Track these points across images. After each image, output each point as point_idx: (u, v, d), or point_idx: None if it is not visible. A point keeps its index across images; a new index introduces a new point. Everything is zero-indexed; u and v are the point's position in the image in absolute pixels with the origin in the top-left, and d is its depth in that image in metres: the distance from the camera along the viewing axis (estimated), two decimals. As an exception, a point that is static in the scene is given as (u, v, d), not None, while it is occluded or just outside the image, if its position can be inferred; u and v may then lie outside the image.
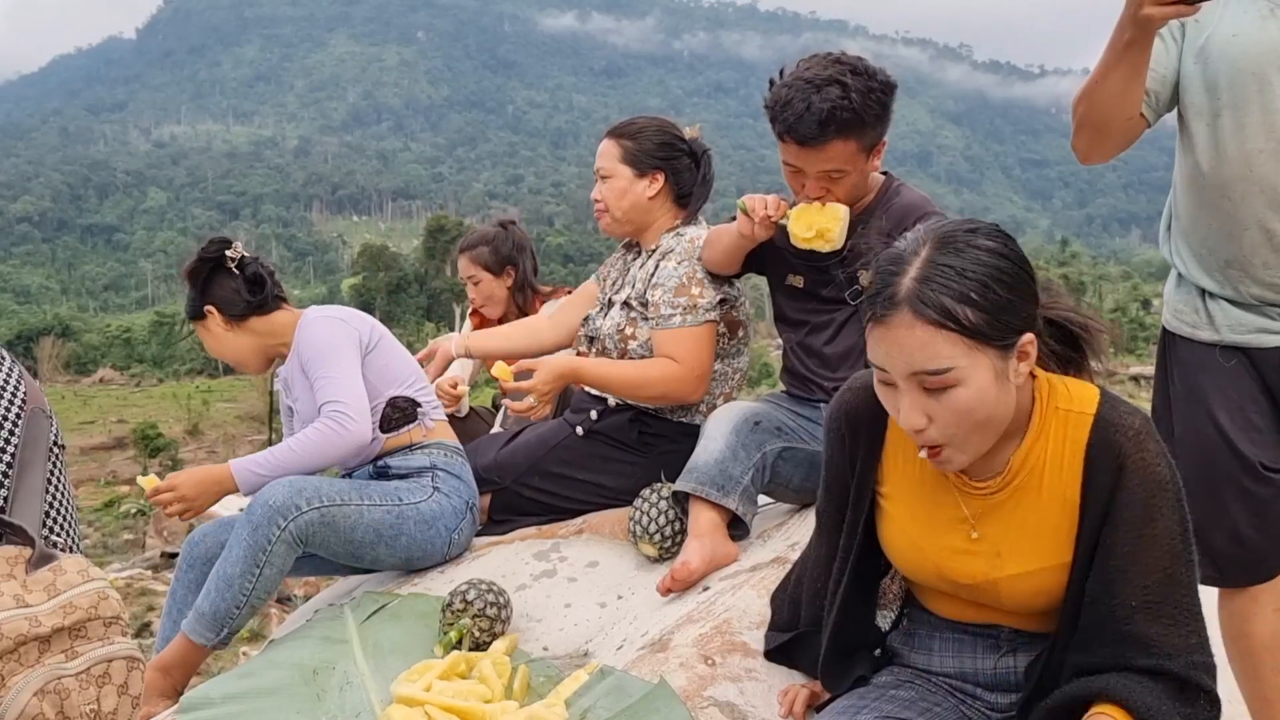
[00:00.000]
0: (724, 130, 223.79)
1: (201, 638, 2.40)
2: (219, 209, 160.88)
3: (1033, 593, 1.55)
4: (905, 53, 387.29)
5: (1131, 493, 1.46)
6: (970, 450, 1.47)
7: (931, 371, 1.39)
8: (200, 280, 2.75)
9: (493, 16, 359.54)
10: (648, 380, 2.67)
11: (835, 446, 1.71)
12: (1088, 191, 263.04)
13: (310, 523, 2.42)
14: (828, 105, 2.27)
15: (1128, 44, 1.66)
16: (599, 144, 2.91)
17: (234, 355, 2.79)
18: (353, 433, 2.54)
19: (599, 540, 2.73)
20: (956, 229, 1.45)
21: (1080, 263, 60.18)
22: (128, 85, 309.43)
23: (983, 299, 1.39)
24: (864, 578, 1.74)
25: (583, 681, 1.99)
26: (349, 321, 2.71)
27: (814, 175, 2.39)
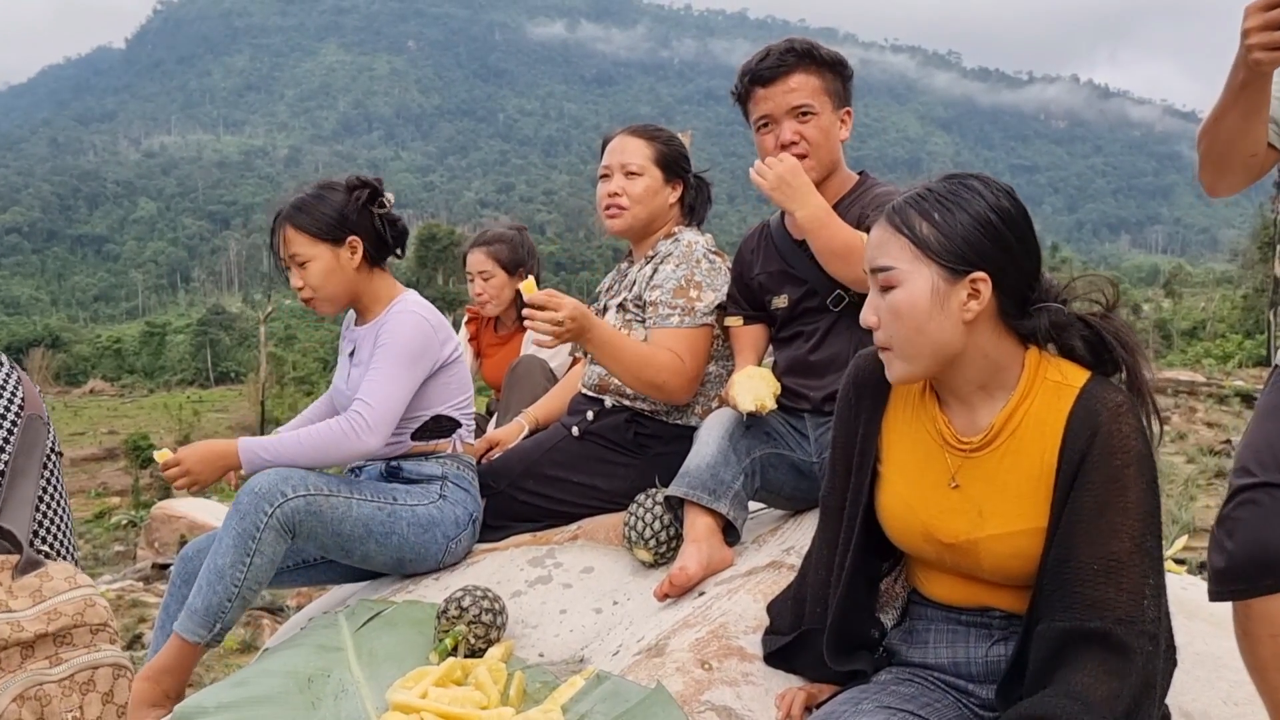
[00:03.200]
0: (714, 137, 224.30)
1: (194, 634, 2.37)
2: (209, 219, 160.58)
3: (1010, 554, 1.60)
4: (894, 60, 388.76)
5: (1102, 459, 1.51)
6: (906, 360, 1.58)
7: (877, 268, 1.57)
8: (353, 209, 2.65)
9: (483, 25, 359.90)
10: (653, 363, 2.65)
11: (844, 413, 1.80)
12: (1077, 197, 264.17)
13: (296, 509, 2.39)
14: (785, 45, 2.53)
15: (1242, 85, 1.64)
16: (613, 141, 2.90)
17: (337, 290, 2.67)
18: (365, 444, 2.50)
19: (594, 546, 2.73)
20: (965, 173, 1.59)
21: (1070, 268, 60.38)
22: (117, 95, 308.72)
23: (943, 220, 1.53)
24: (866, 564, 1.79)
25: (579, 687, 1.99)
26: (437, 333, 2.65)
27: (784, 117, 2.50)
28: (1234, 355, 34.22)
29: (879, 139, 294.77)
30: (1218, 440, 20.61)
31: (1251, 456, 1.74)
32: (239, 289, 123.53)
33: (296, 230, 2.62)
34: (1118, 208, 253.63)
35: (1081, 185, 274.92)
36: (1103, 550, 1.50)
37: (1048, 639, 1.53)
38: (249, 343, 50.13)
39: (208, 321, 59.30)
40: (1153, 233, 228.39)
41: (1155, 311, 53.94)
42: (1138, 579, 1.50)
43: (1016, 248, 1.56)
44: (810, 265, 2.56)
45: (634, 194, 2.82)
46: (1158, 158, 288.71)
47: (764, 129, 2.55)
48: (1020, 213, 1.57)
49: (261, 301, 59.06)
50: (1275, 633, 1.69)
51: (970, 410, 1.65)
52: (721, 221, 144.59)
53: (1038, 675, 1.54)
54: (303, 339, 49.39)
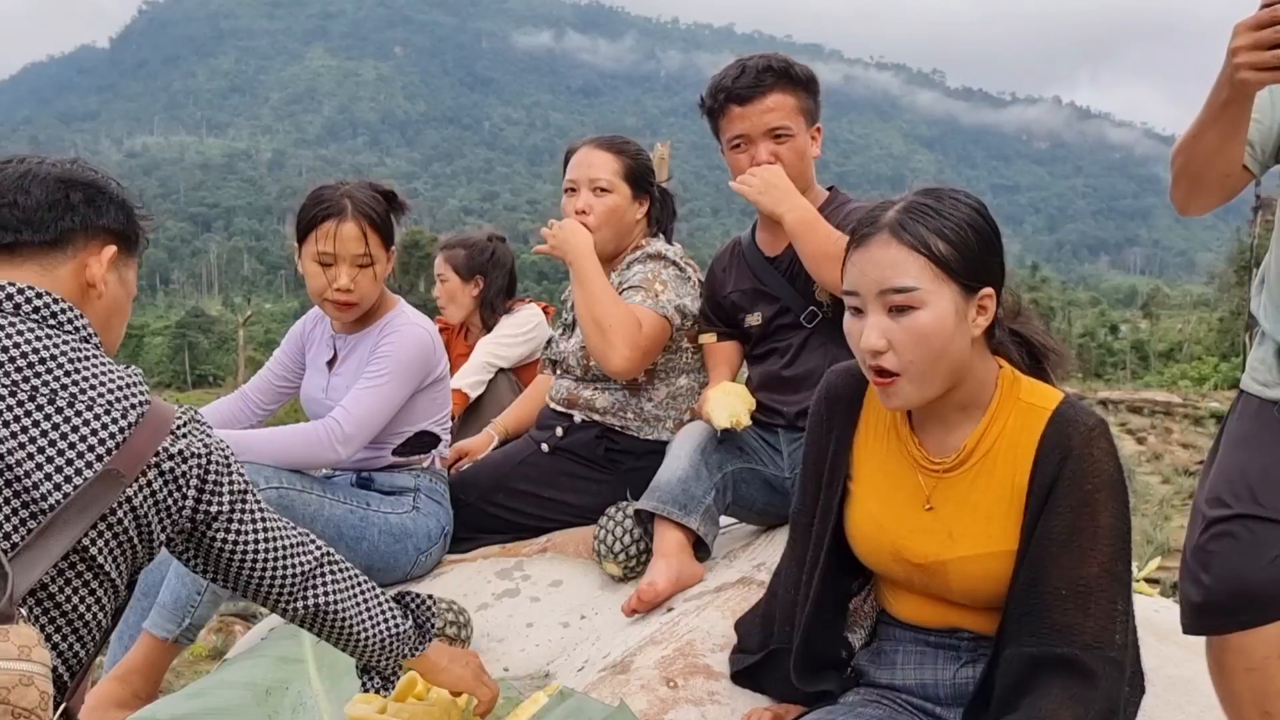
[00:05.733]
0: (699, 150, 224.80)
1: (163, 630, 2.31)
2: (191, 220, 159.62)
3: (980, 576, 1.59)
4: (878, 77, 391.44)
5: (1073, 483, 1.51)
6: (921, 384, 1.53)
7: (898, 289, 1.50)
8: (390, 220, 2.60)
9: (470, 34, 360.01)
10: (615, 310, 2.54)
11: (816, 430, 1.78)
12: (1058, 218, 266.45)
13: (268, 500, 2.28)
14: (762, 63, 2.48)
15: (1224, 103, 1.64)
16: (579, 154, 2.81)
17: (374, 296, 2.61)
18: (336, 455, 2.46)
19: (563, 559, 2.69)
20: (940, 186, 1.59)
21: (1050, 288, 60.82)
22: (100, 95, 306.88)
23: (955, 237, 1.51)
24: (835, 583, 1.77)
25: (541, 704, 1.95)
26: (435, 351, 2.62)
27: (760, 138, 2.48)
28: (1210, 377, 34.53)
29: (862, 155, 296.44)
30: (1193, 461, 20.78)
31: (1225, 487, 1.71)
32: (219, 292, 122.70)
33: (374, 231, 2.54)
34: (1097, 228, 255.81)
35: (1062, 206, 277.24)
36: (1071, 575, 1.49)
37: (1015, 664, 1.52)
38: (228, 346, 49.79)
39: (187, 324, 58.83)
40: (1131, 254, 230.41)
41: (1133, 333, 54.43)
42: (1106, 605, 1.49)
43: (999, 251, 1.58)
44: (783, 282, 2.55)
45: (601, 211, 2.73)
46: (1137, 180, 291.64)
47: (737, 148, 2.51)
48: (991, 217, 1.59)
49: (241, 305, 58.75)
50: (1251, 667, 1.68)
51: (943, 430, 1.63)
52: (705, 234, 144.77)
53: (1004, 700, 1.53)
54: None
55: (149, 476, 1.35)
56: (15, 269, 1.39)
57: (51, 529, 1.26)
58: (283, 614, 1.62)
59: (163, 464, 1.36)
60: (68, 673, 1.36)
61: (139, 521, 1.35)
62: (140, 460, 1.33)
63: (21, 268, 1.40)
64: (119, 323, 1.54)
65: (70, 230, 1.42)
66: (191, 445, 1.40)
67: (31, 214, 1.40)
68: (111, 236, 1.48)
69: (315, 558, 1.61)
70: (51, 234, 1.41)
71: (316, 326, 2.79)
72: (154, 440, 1.35)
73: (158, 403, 1.40)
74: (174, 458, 1.37)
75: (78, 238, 1.43)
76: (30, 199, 1.40)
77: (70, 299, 1.41)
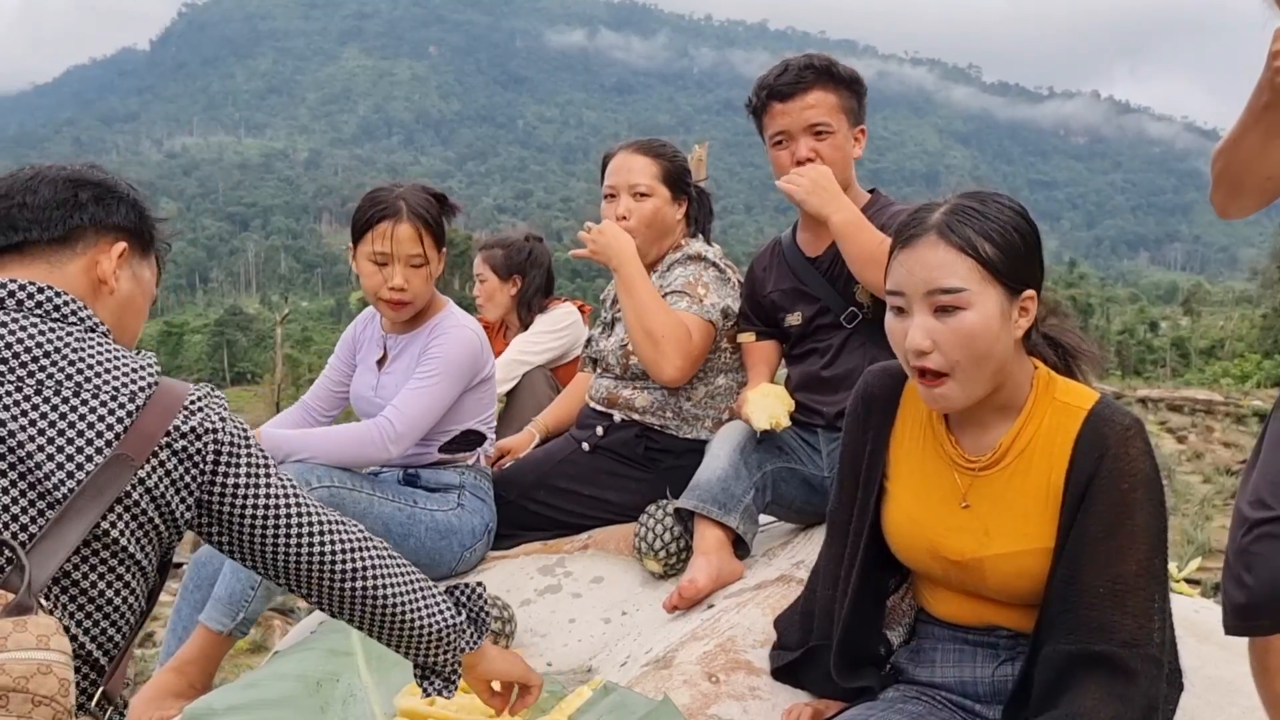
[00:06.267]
0: (733, 148, 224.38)
1: (218, 623, 2.39)
2: (229, 220, 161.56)
3: (1016, 574, 1.61)
4: (913, 72, 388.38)
5: (1109, 482, 1.52)
6: (967, 385, 1.55)
7: (946, 289, 1.52)
8: (442, 222, 2.67)
9: (504, 33, 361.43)
10: (666, 318, 2.59)
11: (853, 429, 1.80)
12: (1096, 214, 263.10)
13: (320, 499, 2.35)
14: (804, 61, 2.53)
15: (1265, 106, 1.63)
16: (616, 160, 2.84)
17: (426, 296, 2.68)
18: (387, 453, 2.53)
19: (604, 556, 2.73)
20: (981, 189, 1.63)
21: (1088, 284, 60.12)
22: (140, 96, 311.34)
23: (1001, 239, 1.54)
24: (873, 580, 1.79)
25: (586, 698, 1.98)
26: (483, 352, 2.68)
27: (800, 134, 2.50)
28: (1252, 375, 33.98)
29: (897, 152, 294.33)
30: (1235, 460, 20.46)
31: (1267, 488, 1.70)
32: (256, 290, 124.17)
33: (428, 232, 2.61)
34: (1136, 224, 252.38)
35: (1100, 201, 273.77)
36: (1109, 573, 1.51)
37: (1053, 662, 1.53)
38: (265, 344, 50.34)
39: (225, 322, 59.53)
40: (1172, 250, 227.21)
41: (1173, 330, 53.65)
42: (1144, 602, 1.51)
43: (1040, 252, 1.61)
44: (823, 282, 2.57)
45: (643, 215, 2.77)
46: (1177, 174, 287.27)
47: (779, 145, 2.55)
48: (1031, 219, 1.62)
49: (278, 303, 59.44)
50: None
51: (980, 429, 1.65)
52: (738, 231, 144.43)
53: (1042, 698, 1.54)
54: (319, 341, 49.60)
55: (161, 456, 1.35)
56: (24, 267, 1.42)
57: (66, 517, 1.27)
58: (327, 602, 1.55)
59: (175, 442, 1.36)
60: (104, 656, 1.37)
61: (156, 501, 1.36)
62: (150, 441, 1.34)
63: (30, 266, 1.42)
64: (135, 319, 1.55)
65: (79, 228, 1.44)
66: (205, 421, 1.40)
67: (39, 213, 1.42)
68: (122, 234, 1.49)
69: (357, 537, 1.55)
70: (59, 231, 1.43)
71: (367, 328, 2.86)
72: (164, 420, 1.36)
73: (168, 382, 1.40)
74: (186, 435, 1.37)
75: (87, 235, 1.45)
76: (38, 198, 1.43)
77: (80, 295, 1.43)
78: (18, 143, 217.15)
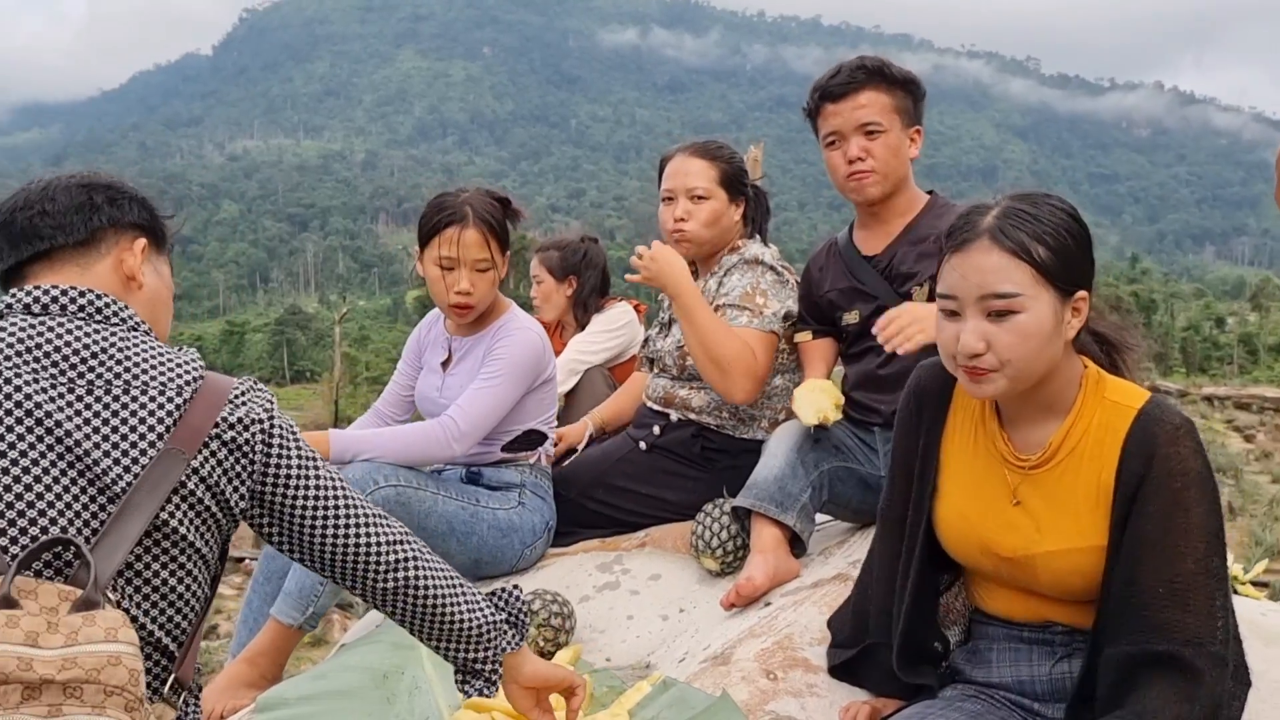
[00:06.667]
0: (786, 145, 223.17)
1: (288, 617, 2.46)
2: (288, 221, 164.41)
3: (1068, 571, 1.61)
4: (969, 66, 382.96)
5: (1160, 481, 1.53)
6: (1015, 380, 1.57)
7: (1001, 294, 1.53)
8: (506, 226, 2.71)
9: (557, 32, 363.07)
10: (728, 341, 2.62)
11: (905, 424, 1.81)
12: (1159, 207, 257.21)
13: (386, 499, 2.45)
14: (856, 62, 2.55)
15: None
16: (674, 163, 2.86)
17: (490, 299, 2.71)
18: (452, 451, 2.58)
19: (661, 554, 2.76)
20: (1033, 190, 1.63)
21: (1151, 280, 58.82)
22: (204, 101, 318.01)
23: (1055, 243, 1.54)
24: (930, 576, 1.80)
25: (645, 692, 2.01)
26: (545, 354, 2.72)
27: (852, 133, 2.51)
28: (1324, 372, 32.97)
29: (953, 147, 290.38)
30: (1306, 460, 19.87)
31: None
32: (315, 290, 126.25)
33: (493, 237, 2.65)
34: (1202, 218, 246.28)
35: (1164, 195, 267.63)
36: (1168, 573, 1.51)
37: (1116, 663, 1.53)
38: (324, 342, 51.14)
39: (285, 321, 60.59)
40: (1239, 244, 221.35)
41: (1240, 326, 52.28)
42: (1204, 600, 1.50)
43: (1091, 253, 1.61)
44: (880, 281, 2.57)
45: (700, 218, 2.80)
46: (1245, 166, 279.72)
47: (832, 145, 2.56)
48: (1083, 220, 1.62)
49: (337, 302, 60.32)
50: None
51: (1030, 427, 1.66)
52: (791, 229, 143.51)
53: (1108, 699, 1.54)
54: (376, 340, 50.28)
55: (212, 447, 1.40)
56: (55, 273, 1.48)
57: (126, 511, 1.32)
58: (372, 593, 1.57)
59: (224, 433, 1.41)
60: (173, 643, 1.41)
61: (212, 491, 1.40)
62: (199, 433, 1.38)
63: (61, 271, 1.47)
64: (164, 314, 1.61)
65: (100, 229, 1.50)
66: (252, 412, 1.44)
67: (61, 218, 1.48)
68: (140, 231, 1.55)
69: (400, 531, 1.59)
70: (83, 234, 1.48)
71: (431, 330, 2.91)
72: (211, 412, 1.40)
73: (213, 376, 1.45)
74: (234, 426, 1.42)
75: (108, 235, 1.51)
76: (57, 205, 1.48)
77: (112, 293, 1.48)
78: (87, 148, 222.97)
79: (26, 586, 1.22)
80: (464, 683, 1.68)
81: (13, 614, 1.18)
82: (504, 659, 1.68)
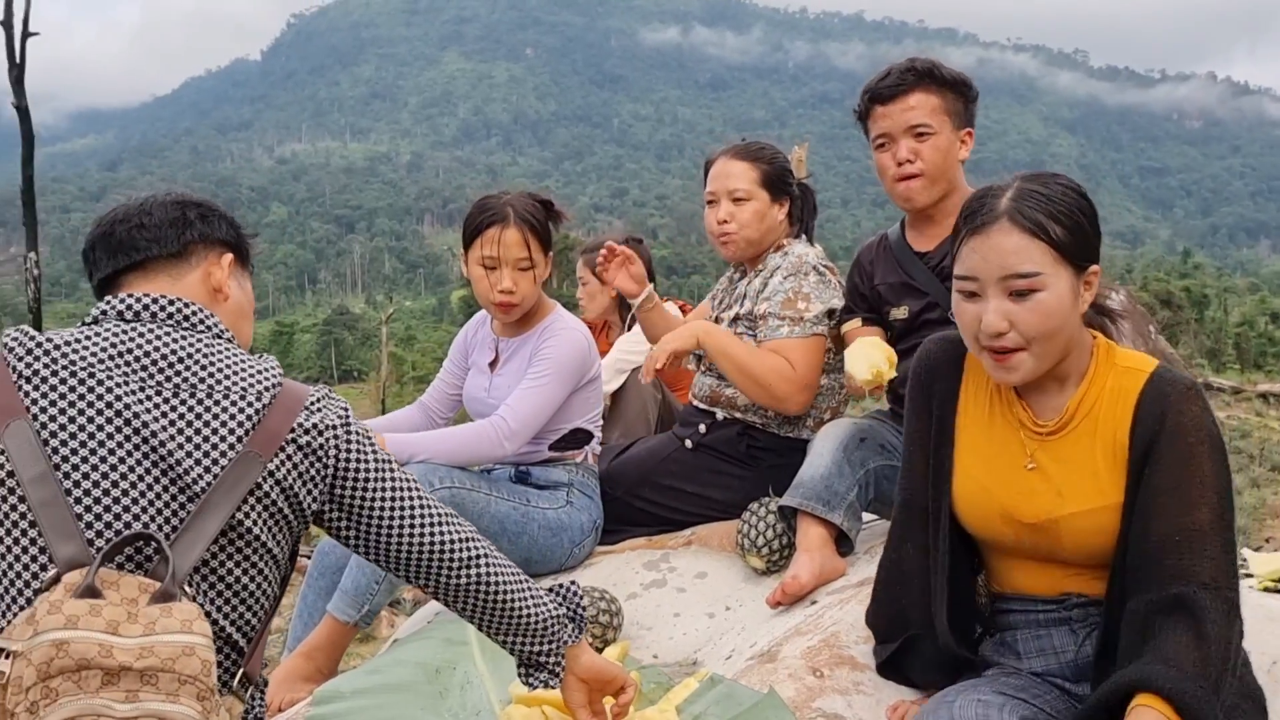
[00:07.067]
0: (829, 141, 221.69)
1: (345, 614, 2.53)
2: (336, 222, 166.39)
3: (1091, 531, 1.65)
4: (1015, 59, 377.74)
5: (1173, 437, 1.58)
6: (1039, 358, 1.62)
7: (1023, 274, 1.58)
8: (548, 227, 2.77)
9: (599, 32, 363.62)
10: (762, 366, 2.69)
11: (916, 399, 1.85)
12: (1212, 200, 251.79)
13: (442, 500, 2.50)
14: (906, 64, 2.54)
15: None
16: (716, 166, 2.89)
17: (534, 298, 2.77)
18: (503, 450, 2.64)
19: (707, 552, 2.78)
20: (1040, 172, 1.68)
21: (1204, 274, 57.52)
22: (253, 105, 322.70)
23: (1069, 221, 1.60)
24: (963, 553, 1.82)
25: (693, 689, 2.03)
26: (590, 354, 2.77)
27: (901, 135, 2.51)
28: (1385, 368, 32.09)
29: (999, 141, 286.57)
30: (1365, 458, 19.36)
31: None
32: (362, 290, 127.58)
33: (534, 236, 2.71)
34: (1257, 211, 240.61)
35: (1216, 188, 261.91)
36: (1182, 522, 1.55)
37: (1136, 615, 1.56)
38: (371, 342, 51.67)
39: (332, 321, 61.29)
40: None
41: (1298, 321, 51.00)
42: (1218, 547, 1.54)
43: (1099, 229, 1.66)
44: (931, 278, 2.58)
45: (743, 219, 2.83)
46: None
47: (881, 147, 2.57)
48: (1089, 197, 1.67)
49: (383, 303, 60.93)
50: None
51: (1046, 395, 1.71)
52: (835, 225, 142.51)
53: (1127, 652, 1.56)
54: (422, 339, 50.72)
55: (288, 451, 1.46)
56: (149, 282, 1.57)
57: (204, 510, 1.38)
58: (444, 590, 1.62)
59: (299, 439, 1.48)
60: (243, 639, 1.47)
61: (286, 493, 1.47)
62: (276, 438, 1.45)
63: (154, 280, 1.58)
64: (246, 325, 1.70)
65: (191, 243, 1.61)
66: (326, 418, 1.51)
67: (157, 231, 1.58)
68: (227, 247, 1.66)
69: (470, 529, 1.64)
70: (176, 247, 1.59)
71: (478, 332, 2.96)
72: (288, 418, 1.47)
73: (290, 384, 1.52)
74: (309, 431, 1.48)
75: (199, 249, 1.61)
76: (153, 219, 1.59)
77: (200, 303, 1.58)
78: (141, 152, 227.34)
79: (109, 578, 1.28)
80: (528, 675, 1.73)
81: (96, 603, 1.23)
82: (576, 646, 1.74)
